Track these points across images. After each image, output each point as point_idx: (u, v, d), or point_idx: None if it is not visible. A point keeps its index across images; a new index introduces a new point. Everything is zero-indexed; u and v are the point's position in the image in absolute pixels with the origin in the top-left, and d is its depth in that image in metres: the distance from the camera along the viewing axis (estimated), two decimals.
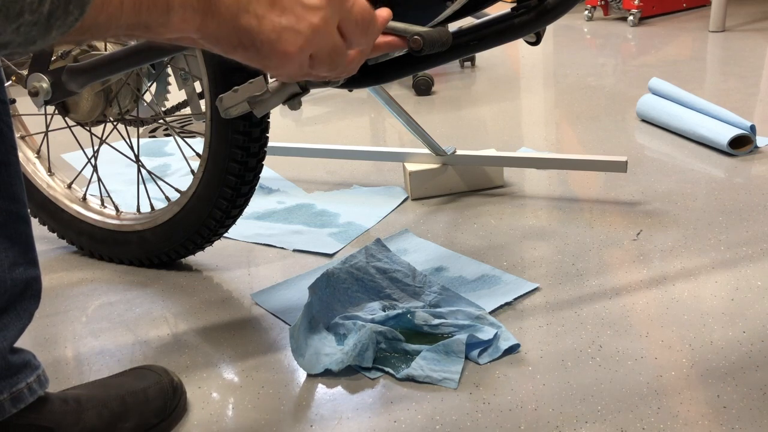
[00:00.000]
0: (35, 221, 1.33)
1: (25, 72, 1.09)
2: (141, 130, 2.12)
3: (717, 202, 1.38)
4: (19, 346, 0.78)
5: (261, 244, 1.37)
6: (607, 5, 3.45)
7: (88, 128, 1.29)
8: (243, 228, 1.43)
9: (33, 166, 1.38)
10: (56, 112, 1.26)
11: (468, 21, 0.90)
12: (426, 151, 1.52)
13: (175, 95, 1.31)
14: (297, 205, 1.54)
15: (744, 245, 1.21)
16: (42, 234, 1.40)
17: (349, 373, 0.95)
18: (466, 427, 0.84)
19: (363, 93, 2.38)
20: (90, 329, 1.12)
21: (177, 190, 1.23)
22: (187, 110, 1.34)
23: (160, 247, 1.25)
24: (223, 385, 0.96)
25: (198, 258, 1.32)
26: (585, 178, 1.55)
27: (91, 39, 0.47)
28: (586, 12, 3.49)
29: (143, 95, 1.25)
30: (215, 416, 0.90)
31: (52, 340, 1.10)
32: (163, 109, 1.28)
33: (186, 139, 1.62)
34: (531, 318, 1.04)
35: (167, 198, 1.26)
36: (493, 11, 0.89)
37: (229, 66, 1.03)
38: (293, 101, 0.79)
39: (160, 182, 1.37)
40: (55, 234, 1.39)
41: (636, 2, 3.24)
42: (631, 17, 3.26)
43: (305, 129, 2.14)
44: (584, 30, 3.31)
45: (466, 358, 0.95)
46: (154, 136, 2.18)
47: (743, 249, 1.19)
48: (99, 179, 1.33)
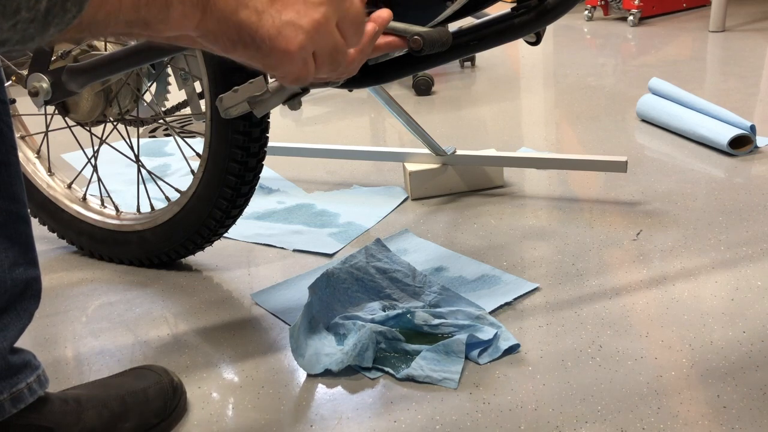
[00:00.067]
0: (35, 221, 1.33)
1: (25, 72, 1.09)
2: (141, 130, 2.12)
3: (717, 202, 1.38)
4: (19, 346, 0.78)
5: (261, 244, 1.37)
6: (607, 5, 3.45)
7: (88, 128, 1.29)
8: (243, 228, 1.43)
9: (33, 166, 1.38)
10: (56, 112, 1.26)
11: (468, 21, 0.90)
12: (426, 151, 1.52)
13: (175, 95, 1.31)
14: (297, 205, 1.54)
15: (744, 245, 1.21)
16: (42, 234, 1.40)
17: (349, 373, 0.95)
18: (466, 427, 0.84)
19: (363, 93, 2.38)
20: (90, 329, 1.12)
21: (177, 190, 1.23)
22: (187, 110, 1.34)
23: (160, 247, 1.26)
24: (223, 385, 0.96)
25: (198, 258, 1.32)
26: (585, 178, 1.55)
27: (90, 37, 0.46)
28: (586, 12, 3.49)
29: (143, 95, 1.25)
30: (215, 416, 0.90)
31: (52, 340, 1.10)
32: (163, 109, 1.28)
33: (186, 139, 1.62)
34: (531, 318, 1.04)
35: (167, 198, 1.26)
36: (493, 11, 0.89)
37: (229, 66, 1.03)
38: (293, 101, 0.79)
39: (160, 182, 1.37)
40: (55, 234, 1.39)
41: (636, 2, 3.24)
42: (631, 17, 3.26)
43: (305, 129, 2.14)
44: (584, 30, 3.31)
45: (466, 358, 0.95)
46: (154, 136, 2.18)
47: (743, 249, 1.19)
48: (99, 179, 1.33)
